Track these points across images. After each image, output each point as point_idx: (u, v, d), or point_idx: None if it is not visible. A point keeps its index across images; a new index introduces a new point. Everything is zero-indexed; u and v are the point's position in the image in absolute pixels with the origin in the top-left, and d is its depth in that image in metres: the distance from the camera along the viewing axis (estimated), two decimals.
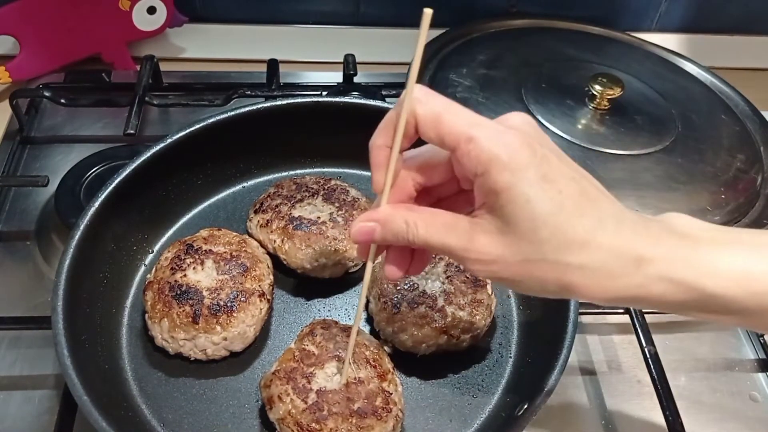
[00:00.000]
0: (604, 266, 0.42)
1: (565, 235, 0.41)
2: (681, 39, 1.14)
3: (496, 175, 0.41)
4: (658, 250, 0.42)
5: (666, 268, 0.42)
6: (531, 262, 0.42)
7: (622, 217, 0.43)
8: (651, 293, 0.43)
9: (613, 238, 0.42)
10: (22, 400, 0.67)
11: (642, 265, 0.42)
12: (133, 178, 0.70)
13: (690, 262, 0.42)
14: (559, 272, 0.42)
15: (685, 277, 0.42)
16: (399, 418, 0.60)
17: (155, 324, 0.64)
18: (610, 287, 0.43)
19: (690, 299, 0.43)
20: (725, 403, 0.72)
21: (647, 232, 0.43)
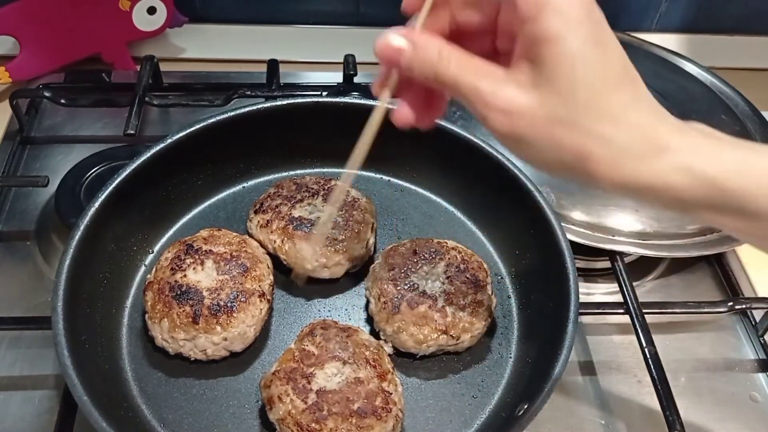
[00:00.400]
0: (628, 145, 0.40)
1: (600, 103, 0.40)
2: (681, 39, 1.14)
3: (549, 21, 0.39)
4: (685, 141, 0.41)
5: (689, 158, 0.41)
6: (558, 122, 0.40)
7: (654, 105, 0.42)
8: (667, 183, 0.41)
9: (645, 120, 0.41)
10: (22, 401, 0.67)
11: (666, 152, 0.41)
12: (133, 178, 0.70)
13: (714, 156, 0.41)
14: (583, 140, 0.40)
15: (707, 170, 0.41)
16: (399, 418, 0.60)
17: (155, 324, 0.64)
18: (627, 168, 0.41)
19: (706, 195, 0.41)
20: (725, 403, 0.72)
21: (676, 124, 0.42)
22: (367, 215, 0.74)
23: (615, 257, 0.77)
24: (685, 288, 0.83)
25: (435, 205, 0.82)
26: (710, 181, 0.41)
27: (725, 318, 0.80)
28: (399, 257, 0.70)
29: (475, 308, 0.66)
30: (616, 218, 0.77)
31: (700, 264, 0.85)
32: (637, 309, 0.73)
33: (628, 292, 0.74)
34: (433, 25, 0.44)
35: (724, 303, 0.76)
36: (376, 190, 0.82)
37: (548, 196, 0.77)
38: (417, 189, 0.83)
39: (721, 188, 0.41)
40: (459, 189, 0.81)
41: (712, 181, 0.41)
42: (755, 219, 0.41)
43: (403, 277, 0.68)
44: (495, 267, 0.76)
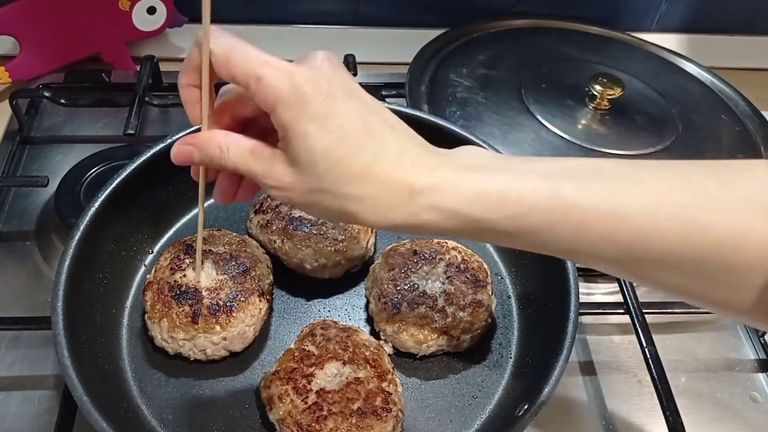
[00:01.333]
0: (379, 197, 0.45)
1: (343, 169, 0.44)
2: (681, 39, 1.14)
3: (282, 113, 0.44)
4: (430, 180, 0.45)
5: (435, 197, 0.44)
6: (315, 192, 0.45)
7: (405, 150, 0.46)
8: (424, 221, 0.45)
9: (390, 171, 0.45)
10: (21, 401, 0.67)
11: (414, 195, 0.45)
12: (133, 178, 0.70)
13: (456, 190, 0.44)
14: (340, 202, 0.45)
15: (451, 205, 0.44)
16: (399, 418, 0.60)
17: (155, 324, 0.64)
18: (386, 216, 0.45)
19: (459, 225, 0.45)
20: (725, 403, 0.72)
21: (425, 164, 0.45)
22: None
23: None
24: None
25: None
26: (457, 214, 0.45)
27: (725, 318, 0.80)
28: (399, 257, 0.70)
29: (475, 308, 0.66)
30: None
31: None
32: (637, 309, 0.73)
33: (628, 292, 0.74)
34: (220, 120, 0.50)
35: None
36: None
37: None
38: None
39: (467, 218, 0.45)
40: None
41: (458, 213, 0.44)
42: (511, 237, 0.45)
43: (403, 277, 0.68)
44: (495, 267, 0.76)
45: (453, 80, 0.92)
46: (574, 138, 0.84)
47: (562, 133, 0.84)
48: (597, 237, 0.43)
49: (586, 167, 0.45)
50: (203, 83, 0.48)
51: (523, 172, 0.45)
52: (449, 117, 0.86)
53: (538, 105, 0.88)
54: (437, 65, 0.95)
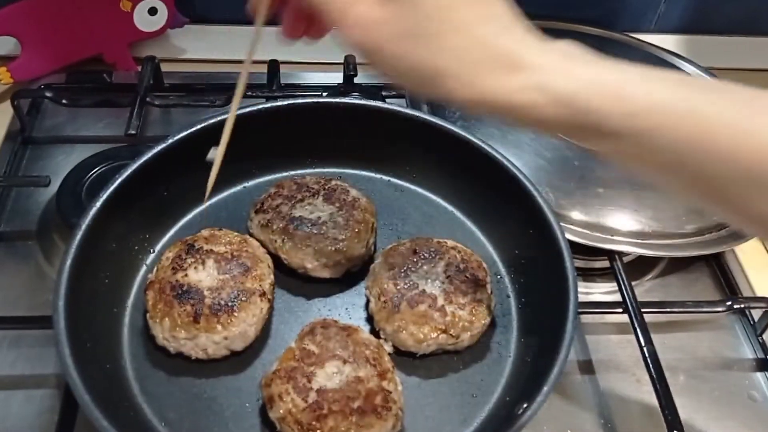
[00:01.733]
0: (480, 60, 0.40)
1: (449, 16, 0.39)
2: (680, 40, 1.14)
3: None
4: (542, 60, 0.40)
5: (543, 77, 0.40)
6: (409, 36, 0.40)
7: (516, 23, 0.41)
8: (524, 101, 0.40)
9: (496, 36, 0.40)
10: (23, 400, 0.67)
11: (518, 69, 0.40)
12: (135, 178, 0.70)
13: (570, 74, 0.40)
14: (434, 54, 0.40)
15: (561, 89, 0.40)
16: (399, 417, 0.60)
17: (156, 323, 0.65)
18: (481, 85, 0.40)
19: (562, 114, 0.40)
20: (724, 403, 0.72)
21: (534, 43, 0.41)
22: (367, 215, 0.74)
23: (614, 257, 0.78)
24: (683, 287, 0.83)
25: (435, 205, 0.82)
26: (565, 100, 0.40)
27: (724, 317, 0.80)
28: (399, 257, 0.70)
29: (474, 307, 0.67)
30: (615, 218, 0.78)
31: (699, 263, 0.85)
32: (636, 308, 0.73)
33: (626, 292, 0.74)
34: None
35: (722, 302, 0.76)
36: (376, 190, 0.83)
37: (547, 196, 0.77)
38: (417, 189, 0.84)
39: (576, 107, 0.40)
40: (459, 189, 0.81)
41: (567, 99, 0.40)
42: (614, 138, 0.41)
43: (403, 276, 0.68)
44: (494, 266, 0.76)
45: None
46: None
47: None
48: (720, 149, 0.38)
49: (711, 82, 0.42)
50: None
51: (644, 73, 0.41)
52: (449, 117, 0.86)
53: None
54: None
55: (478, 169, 0.76)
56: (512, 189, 0.73)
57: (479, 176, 0.77)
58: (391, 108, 0.79)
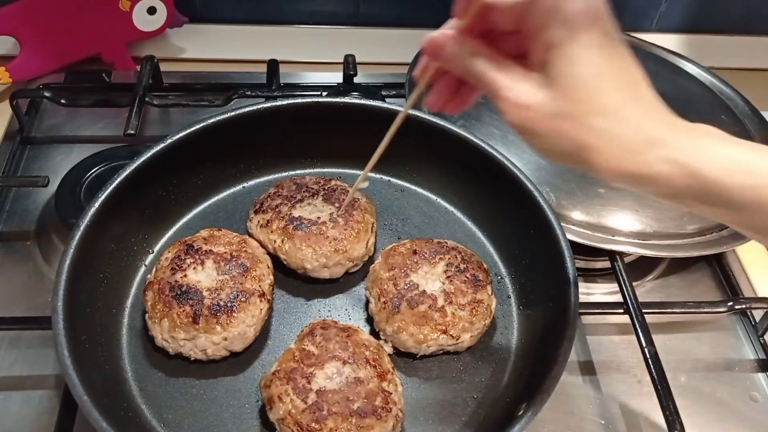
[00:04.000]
0: (621, 137, 0.45)
1: (597, 100, 0.45)
2: (681, 39, 1.14)
3: (555, 30, 0.44)
4: (677, 136, 0.45)
5: (674, 151, 0.45)
6: (561, 117, 0.45)
7: (653, 103, 0.46)
8: (656, 173, 0.45)
9: (638, 117, 0.45)
10: (22, 401, 0.67)
11: (654, 146, 0.45)
12: (134, 178, 0.70)
13: (697, 149, 0.45)
14: (581, 132, 0.45)
15: (689, 162, 0.44)
16: (399, 418, 0.60)
17: (155, 324, 0.65)
18: (620, 159, 0.45)
19: (693, 186, 0.45)
20: (725, 403, 0.72)
21: (670, 121, 0.46)
22: (367, 215, 0.74)
23: (615, 257, 0.77)
24: (684, 288, 0.83)
25: (435, 205, 0.82)
26: (696, 173, 0.44)
27: (725, 318, 0.80)
28: (399, 257, 0.70)
29: (474, 308, 0.66)
30: (616, 218, 0.77)
31: (700, 264, 0.85)
32: (637, 309, 0.73)
33: (627, 292, 0.74)
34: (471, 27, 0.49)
35: (723, 303, 0.76)
36: (376, 190, 0.83)
37: (548, 196, 0.77)
38: (417, 189, 0.83)
39: (705, 180, 0.44)
40: (459, 189, 0.81)
41: (697, 173, 0.44)
42: (740, 210, 0.45)
43: (403, 276, 0.68)
44: (495, 267, 0.76)
45: None
46: None
47: None
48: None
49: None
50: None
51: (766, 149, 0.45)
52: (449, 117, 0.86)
53: None
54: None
55: (478, 169, 0.76)
56: (513, 189, 0.72)
57: (479, 176, 0.76)
58: (391, 108, 0.79)
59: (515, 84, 0.47)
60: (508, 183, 0.73)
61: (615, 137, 0.45)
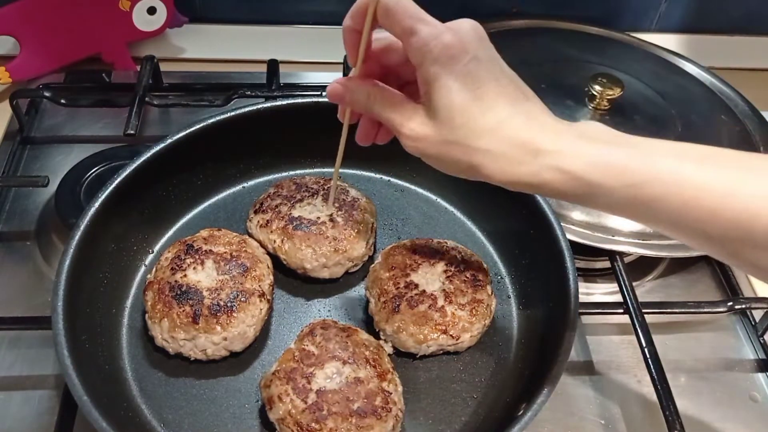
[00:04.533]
0: (506, 153, 0.49)
1: (476, 123, 0.49)
2: (681, 39, 1.14)
3: (429, 66, 0.49)
4: (556, 144, 0.48)
5: (558, 159, 0.48)
6: (447, 143, 0.50)
7: (534, 116, 0.50)
8: (545, 181, 0.49)
9: (519, 131, 0.49)
10: (22, 401, 0.67)
11: (539, 155, 0.48)
12: (134, 178, 0.70)
13: (579, 155, 0.48)
14: (469, 154, 0.50)
15: (572, 168, 0.48)
16: (399, 418, 0.60)
17: (155, 324, 0.65)
18: (509, 172, 0.49)
19: (576, 188, 0.48)
20: (725, 404, 0.72)
21: (552, 130, 0.49)
22: (367, 215, 0.74)
23: (615, 257, 0.77)
24: (684, 288, 0.83)
25: (435, 205, 0.82)
26: (577, 177, 0.48)
27: (725, 318, 0.80)
28: (399, 257, 0.70)
29: (474, 308, 0.66)
30: (616, 218, 0.77)
31: (700, 264, 0.85)
32: (637, 309, 0.73)
33: (627, 292, 0.74)
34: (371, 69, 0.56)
35: (723, 303, 0.76)
36: (376, 190, 0.83)
37: None
38: (417, 189, 0.83)
39: (587, 183, 0.48)
40: (459, 189, 0.81)
41: (578, 176, 0.48)
42: (620, 206, 0.49)
43: (402, 276, 0.68)
44: (495, 267, 0.76)
45: None
46: None
47: None
48: (706, 212, 0.46)
49: (705, 151, 0.48)
50: (365, 30, 0.52)
51: (643, 148, 0.48)
52: None
53: None
54: None
55: None
56: None
57: None
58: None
59: (407, 121, 0.51)
60: None
61: (499, 154, 0.49)
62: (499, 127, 0.49)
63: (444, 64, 0.48)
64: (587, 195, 0.49)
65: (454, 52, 0.48)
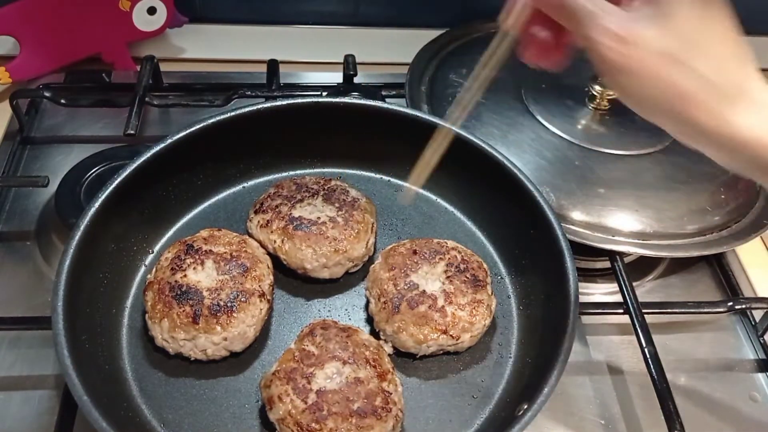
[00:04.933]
0: (723, 88, 0.43)
1: (708, 45, 0.43)
2: None
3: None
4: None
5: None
6: (668, 58, 0.42)
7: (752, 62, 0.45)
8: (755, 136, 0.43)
9: (740, 72, 0.43)
10: (22, 401, 0.67)
11: (753, 104, 0.43)
12: (134, 178, 0.70)
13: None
14: (688, 80, 0.42)
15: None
16: (399, 418, 0.60)
17: (155, 324, 0.65)
18: (716, 109, 0.43)
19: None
20: (725, 404, 0.72)
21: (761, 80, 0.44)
22: (367, 215, 0.74)
23: (615, 257, 0.77)
24: (684, 288, 0.83)
25: (435, 205, 0.82)
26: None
27: (725, 318, 0.80)
28: (399, 257, 0.70)
29: (474, 308, 0.66)
30: (616, 218, 0.77)
31: (700, 264, 0.85)
32: (637, 309, 0.73)
33: (627, 292, 0.74)
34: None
35: (723, 303, 0.76)
36: (376, 190, 0.83)
37: (548, 196, 0.77)
38: (417, 189, 0.83)
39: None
40: (459, 189, 0.81)
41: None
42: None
43: (402, 276, 0.68)
44: (495, 267, 0.76)
45: (453, 80, 0.92)
46: (573, 138, 0.84)
47: (561, 133, 0.84)
48: None
49: None
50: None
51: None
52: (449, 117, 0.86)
53: (538, 105, 0.88)
54: (437, 65, 0.95)
55: (478, 169, 0.76)
56: (513, 189, 0.72)
57: (479, 176, 0.76)
58: (391, 108, 0.79)
59: (617, 15, 0.43)
60: (508, 183, 0.73)
61: (717, 86, 0.42)
62: (727, 59, 0.43)
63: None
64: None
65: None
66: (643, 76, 0.43)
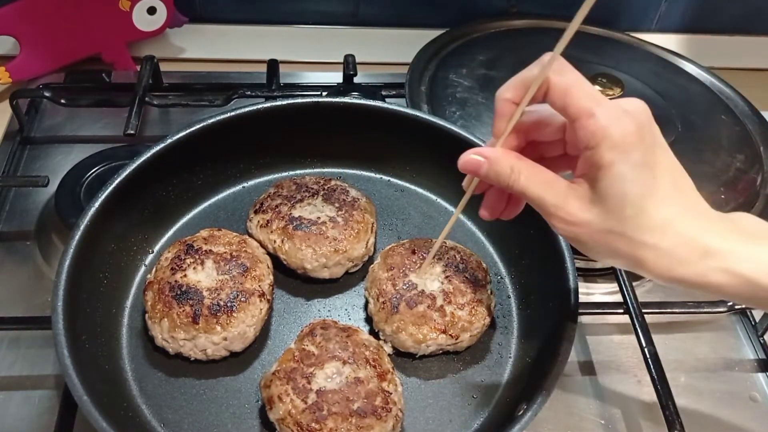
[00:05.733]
0: (674, 251, 0.47)
1: (647, 217, 0.46)
2: (681, 39, 1.14)
3: (604, 152, 0.45)
4: (725, 245, 0.47)
5: (728, 261, 0.47)
6: (610, 233, 0.47)
7: (700, 211, 0.48)
8: (711, 282, 0.47)
9: (688, 229, 0.47)
10: (22, 401, 0.67)
11: (707, 256, 0.47)
12: (134, 178, 0.70)
13: (749, 257, 0.47)
14: (634, 248, 0.47)
15: (745, 272, 0.46)
16: (399, 418, 0.60)
17: (155, 324, 0.65)
18: (674, 270, 0.47)
19: (747, 291, 0.47)
20: (725, 404, 0.72)
21: (718, 228, 0.48)
22: (367, 215, 0.74)
23: None
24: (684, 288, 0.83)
25: (435, 205, 0.82)
26: (748, 280, 0.47)
27: (725, 318, 0.80)
28: (398, 257, 0.70)
29: (474, 307, 0.66)
30: None
31: None
32: (637, 309, 0.73)
33: (627, 292, 0.74)
34: (511, 141, 0.52)
35: (723, 303, 0.76)
36: (376, 190, 0.83)
37: None
38: (417, 189, 0.83)
39: (758, 285, 0.47)
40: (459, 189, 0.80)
41: (749, 279, 0.46)
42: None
43: (401, 276, 0.68)
44: (495, 267, 0.76)
45: (453, 80, 0.92)
46: None
47: None
48: None
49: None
50: (523, 103, 0.49)
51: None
52: (449, 117, 0.86)
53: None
54: (437, 65, 0.95)
55: None
56: None
57: None
58: (390, 108, 0.79)
59: (563, 203, 0.48)
60: None
61: (666, 251, 0.47)
62: (671, 224, 0.46)
63: (622, 152, 0.45)
64: (758, 298, 0.47)
65: (634, 140, 0.45)
66: (597, 248, 0.49)
